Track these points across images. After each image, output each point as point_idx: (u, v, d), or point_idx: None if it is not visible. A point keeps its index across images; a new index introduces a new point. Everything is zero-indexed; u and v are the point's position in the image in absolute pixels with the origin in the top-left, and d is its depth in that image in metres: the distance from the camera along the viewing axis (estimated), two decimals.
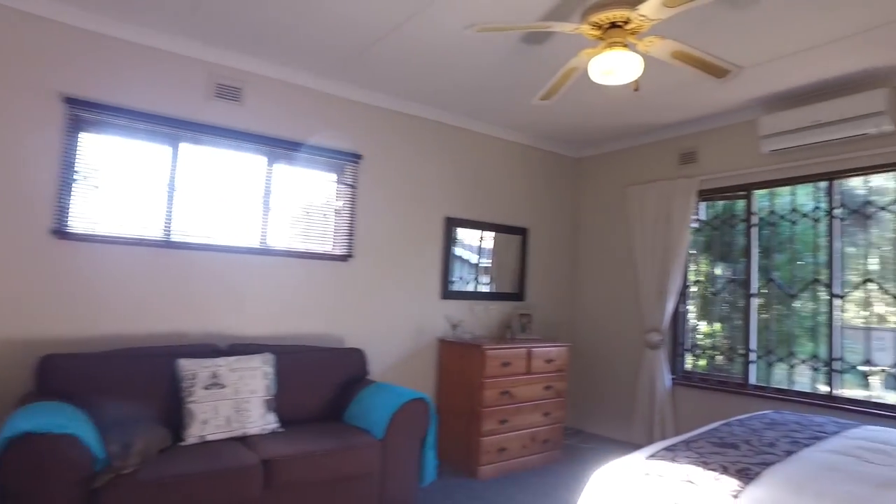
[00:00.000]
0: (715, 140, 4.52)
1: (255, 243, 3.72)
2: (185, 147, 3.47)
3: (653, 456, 2.18)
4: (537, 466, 4.24)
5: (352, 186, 4.12)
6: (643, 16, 2.37)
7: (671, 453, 2.20)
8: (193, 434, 2.72)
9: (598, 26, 2.46)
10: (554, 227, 5.40)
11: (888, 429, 2.78)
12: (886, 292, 3.63)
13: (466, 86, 3.99)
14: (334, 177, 4.11)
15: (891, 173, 3.68)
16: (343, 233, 4.08)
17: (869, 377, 3.73)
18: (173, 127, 3.38)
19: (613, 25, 2.43)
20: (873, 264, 3.75)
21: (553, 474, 4.06)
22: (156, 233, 3.36)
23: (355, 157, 4.11)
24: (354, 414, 3.30)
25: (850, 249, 3.88)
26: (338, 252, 4.06)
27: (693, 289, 4.78)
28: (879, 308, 3.74)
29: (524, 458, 4.18)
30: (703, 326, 4.77)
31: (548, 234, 5.34)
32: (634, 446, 4.63)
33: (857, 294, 3.78)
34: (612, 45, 2.45)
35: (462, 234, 4.71)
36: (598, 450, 4.69)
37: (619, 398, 4.94)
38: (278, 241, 3.82)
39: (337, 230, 4.10)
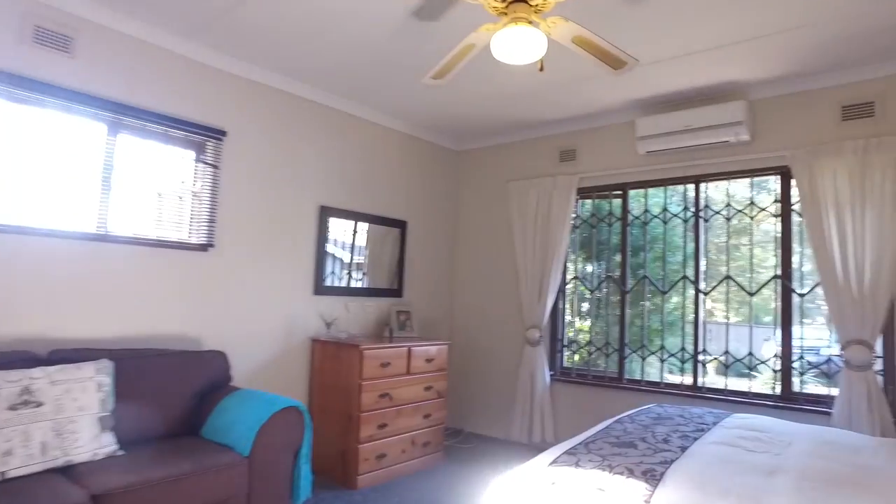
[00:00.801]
0: (595, 139, 4.61)
1: (91, 228, 3.07)
2: None
3: (555, 462, 2.05)
4: (418, 471, 4.02)
5: (214, 167, 3.60)
6: None
7: (573, 457, 2.08)
8: None
9: None
10: (434, 220, 5.23)
11: (754, 416, 2.94)
12: (742, 289, 3.91)
13: (347, 64, 3.66)
14: (193, 154, 3.56)
15: (746, 179, 3.97)
16: (202, 219, 3.55)
17: (707, 365, 4.02)
18: None
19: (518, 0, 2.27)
20: (703, 265, 4.03)
21: (435, 478, 3.87)
22: None
23: (218, 134, 3.59)
24: (215, 428, 2.83)
25: (711, 249, 4.14)
26: (196, 241, 3.52)
27: (570, 285, 4.86)
28: (711, 304, 4.03)
29: (405, 464, 3.94)
30: (580, 323, 4.87)
31: (427, 228, 5.15)
32: (514, 444, 4.63)
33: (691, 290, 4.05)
34: (515, 20, 2.29)
35: (338, 224, 4.35)
36: (478, 450, 4.59)
37: (499, 396, 4.89)
38: (122, 227, 3.21)
39: (195, 216, 3.55)
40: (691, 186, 4.18)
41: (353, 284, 4.46)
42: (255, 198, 3.79)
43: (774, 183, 3.86)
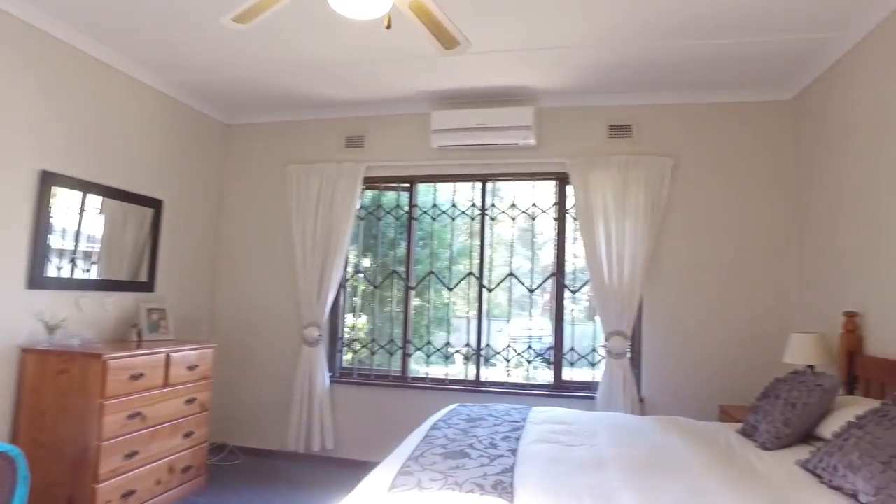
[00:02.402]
0: (385, 127, 4.40)
1: None
2: None
3: (394, 486, 1.76)
4: (178, 503, 3.30)
5: None
6: None
7: (411, 477, 1.82)
8: None
9: None
10: (195, 202, 4.42)
11: (550, 408, 3.06)
12: (524, 286, 4.14)
13: None
14: None
15: (529, 182, 4.21)
16: None
17: (456, 356, 4.20)
18: None
19: None
20: (487, 262, 4.24)
21: None
22: None
23: None
24: None
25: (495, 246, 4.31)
26: None
27: (352, 280, 4.58)
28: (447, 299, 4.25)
29: (161, 497, 3.19)
30: (362, 320, 4.62)
31: (188, 211, 4.32)
32: (290, 455, 4.17)
33: (462, 286, 4.22)
34: None
35: (66, 197, 3.31)
36: (248, 466, 4.03)
37: (271, 403, 4.35)
38: None
39: None
40: (479, 185, 4.28)
41: (89, 275, 3.46)
42: None
43: (553, 187, 4.16)
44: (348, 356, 4.50)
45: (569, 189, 4.03)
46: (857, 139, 2.94)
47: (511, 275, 4.16)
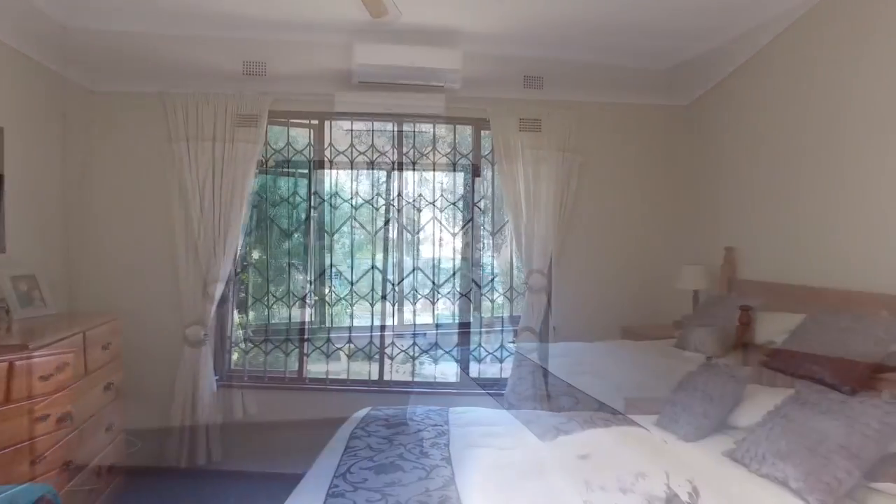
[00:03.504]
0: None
1: None
2: None
3: None
4: None
5: None
6: None
7: (345, 500, 1.59)
8: None
9: None
10: (48, 179, 3.69)
11: (468, 408, 2.92)
12: (429, 279, 3.99)
13: None
14: None
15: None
16: None
17: (358, 354, 4.04)
18: None
19: None
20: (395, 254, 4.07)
21: None
22: None
23: None
24: None
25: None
26: None
27: (244, 273, 4.14)
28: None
29: None
30: (253, 316, 4.20)
31: (38, 189, 3.60)
32: (169, 471, 3.66)
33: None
34: None
35: None
36: (116, 488, 3.47)
37: (147, 412, 3.79)
38: None
39: None
40: (382, 175, 4.06)
41: None
42: None
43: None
44: (236, 356, 4.07)
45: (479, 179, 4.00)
46: (746, 141, 3.30)
47: (417, 269, 3.99)
